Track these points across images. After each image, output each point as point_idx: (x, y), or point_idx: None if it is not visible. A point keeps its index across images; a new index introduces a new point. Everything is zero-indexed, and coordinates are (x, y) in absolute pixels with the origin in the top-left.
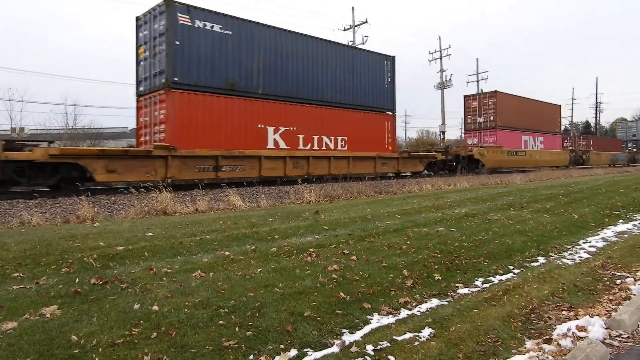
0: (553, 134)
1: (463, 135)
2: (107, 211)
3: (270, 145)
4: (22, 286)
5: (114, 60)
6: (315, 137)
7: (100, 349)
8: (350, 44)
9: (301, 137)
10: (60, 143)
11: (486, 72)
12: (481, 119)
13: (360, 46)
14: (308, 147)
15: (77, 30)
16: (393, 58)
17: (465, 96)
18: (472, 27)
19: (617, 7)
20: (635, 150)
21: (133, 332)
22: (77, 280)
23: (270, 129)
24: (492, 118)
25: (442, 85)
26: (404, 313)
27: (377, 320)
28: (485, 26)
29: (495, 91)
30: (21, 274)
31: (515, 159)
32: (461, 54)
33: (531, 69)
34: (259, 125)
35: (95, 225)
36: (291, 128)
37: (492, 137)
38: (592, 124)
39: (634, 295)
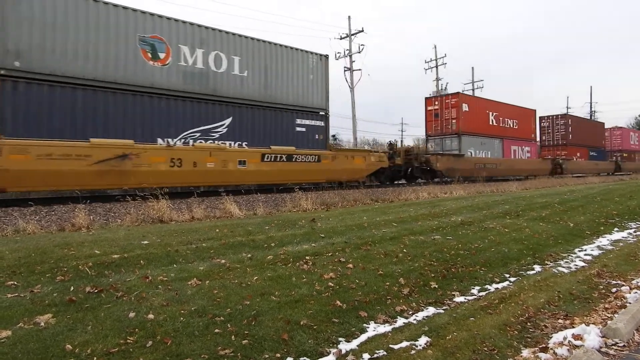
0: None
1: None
2: (103, 219)
3: None
4: (17, 294)
5: None
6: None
7: (95, 358)
8: (346, 52)
9: None
10: None
11: (482, 80)
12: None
13: (357, 55)
14: None
15: None
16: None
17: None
18: (465, 32)
19: (607, 19)
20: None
21: (128, 341)
22: (72, 288)
23: None
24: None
25: (438, 94)
26: (400, 321)
27: (374, 329)
28: (479, 33)
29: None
30: (15, 282)
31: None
32: (456, 59)
33: (524, 78)
34: None
35: (90, 233)
36: None
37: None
38: None
39: (630, 303)
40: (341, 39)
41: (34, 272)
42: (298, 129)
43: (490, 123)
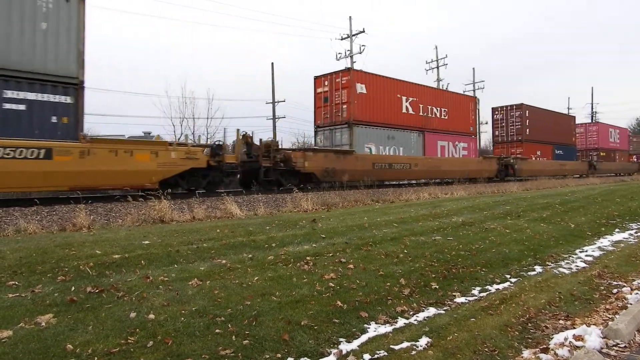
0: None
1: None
2: (104, 219)
3: None
4: (18, 294)
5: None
6: None
7: (96, 358)
8: (347, 53)
9: None
10: None
11: (482, 81)
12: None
13: (357, 56)
14: None
15: None
16: None
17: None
18: (466, 34)
19: (609, 19)
20: None
21: (129, 341)
22: (73, 288)
23: None
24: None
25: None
26: (401, 322)
27: (374, 329)
28: (480, 33)
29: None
30: (17, 282)
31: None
32: (457, 59)
33: (525, 78)
34: None
35: (91, 233)
36: None
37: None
38: None
39: (631, 304)
40: (342, 39)
41: (35, 272)
42: (8, 105)
43: (404, 111)
